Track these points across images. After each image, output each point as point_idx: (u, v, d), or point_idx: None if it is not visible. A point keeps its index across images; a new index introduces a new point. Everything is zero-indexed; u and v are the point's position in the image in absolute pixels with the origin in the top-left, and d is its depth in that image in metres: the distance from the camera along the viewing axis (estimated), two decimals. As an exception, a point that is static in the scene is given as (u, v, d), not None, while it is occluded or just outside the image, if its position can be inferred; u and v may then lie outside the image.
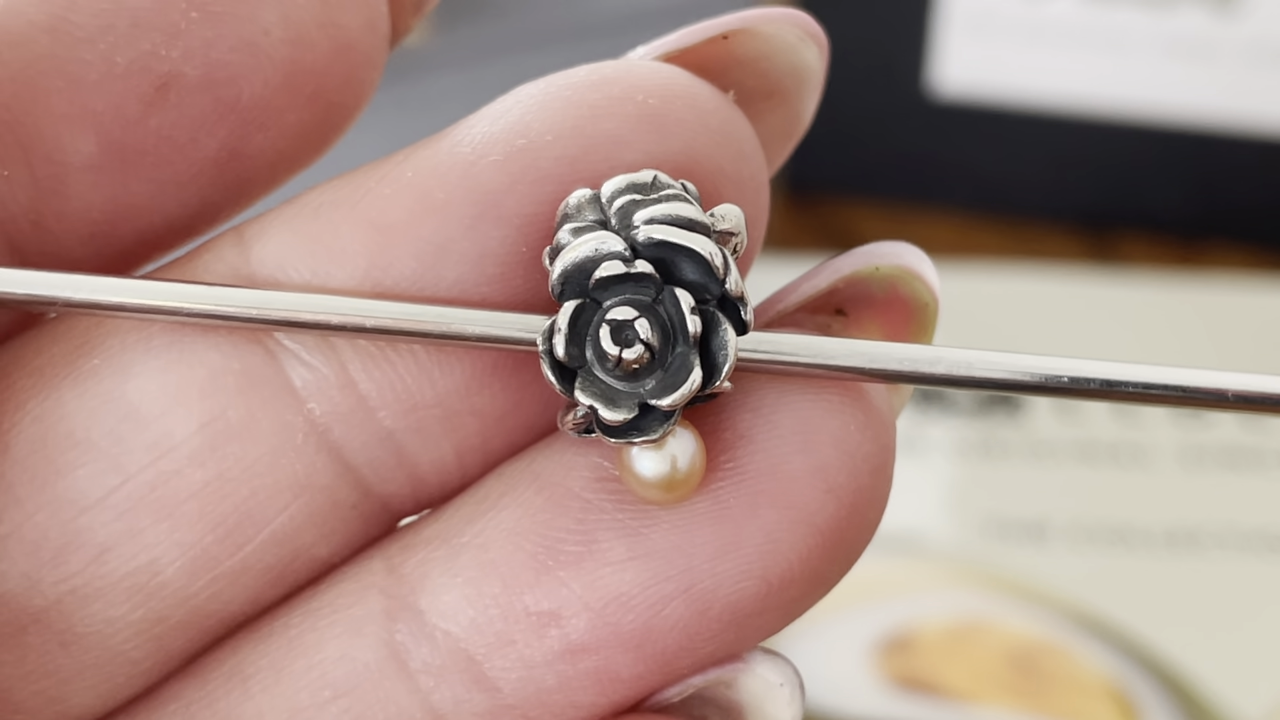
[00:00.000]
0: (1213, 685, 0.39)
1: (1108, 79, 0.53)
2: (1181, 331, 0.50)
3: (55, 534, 0.17)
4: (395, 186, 0.17)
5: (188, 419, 0.17)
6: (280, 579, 0.18)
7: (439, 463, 0.18)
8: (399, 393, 0.17)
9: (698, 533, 0.17)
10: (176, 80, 0.17)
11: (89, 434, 0.17)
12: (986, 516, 0.44)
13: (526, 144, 0.17)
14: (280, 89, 0.17)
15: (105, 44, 0.17)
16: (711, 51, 0.18)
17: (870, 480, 0.17)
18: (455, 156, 0.17)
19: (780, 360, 0.17)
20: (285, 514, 0.17)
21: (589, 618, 0.17)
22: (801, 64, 0.18)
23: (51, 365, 0.17)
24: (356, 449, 0.18)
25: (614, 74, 0.17)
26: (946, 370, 0.17)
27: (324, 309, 0.17)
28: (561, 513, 0.17)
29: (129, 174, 0.17)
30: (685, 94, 0.17)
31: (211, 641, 0.18)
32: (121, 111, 0.17)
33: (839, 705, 0.39)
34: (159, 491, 0.17)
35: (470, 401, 0.17)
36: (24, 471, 0.17)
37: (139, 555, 0.17)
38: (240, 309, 0.17)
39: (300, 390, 0.17)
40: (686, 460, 0.16)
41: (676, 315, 0.16)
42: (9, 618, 0.17)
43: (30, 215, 0.17)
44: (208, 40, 0.17)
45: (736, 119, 0.17)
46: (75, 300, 0.17)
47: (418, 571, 0.17)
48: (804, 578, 0.17)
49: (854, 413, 0.17)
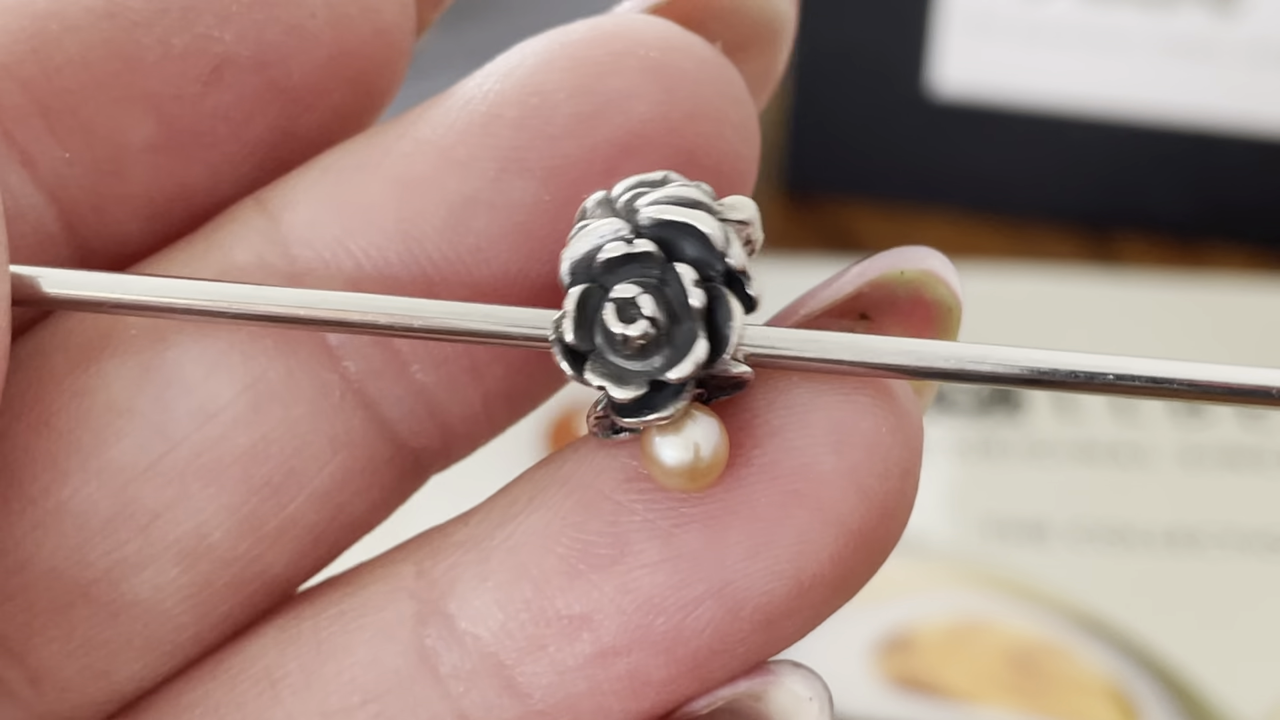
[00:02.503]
0: (1213, 685, 0.39)
1: (1108, 79, 0.53)
2: (1181, 332, 0.50)
3: (104, 505, 0.17)
4: (416, 144, 0.18)
5: (230, 383, 0.17)
6: (320, 538, 0.18)
7: (468, 412, 0.18)
8: (431, 346, 0.18)
9: (730, 533, 0.16)
10: (230, 62, 0.18)
11: (132, 403, 0.17)
12: (986, 516, 0.44)
13: (540, 102, 0.17)
14: (325, 70, 0.18)
15: (161, 27, 0.17)
16: (692, 4, 0.18)
17: (900, 483, 0.17)
18: (471, 114, 0.17)
19: (807, 357, 0.17)
20: (325, 472, 0.18)
21: (621, 620, 0.17)
22: (775, 14, 0.19)
23: (89, 340, 0.18)
24: (391, 404, 0.18)
25: (614, 29, 0.17)
26: (991, 368, 0.17)
27: (373, 308, 0.17)
28: (593, 515, 0.17)
29: (186, 155, 0.18)
30: (684, 46, 0.17)
31: (252, 607, 0.18)
32: (179, 93, 0.18)
33: (839, 705, 0.39)
34: (205, 456, 0.17)
35: (497, 350, 0.18)
36: (68, 445, 0.17)
37: (187, 520, 0.17)
38: (281, 309, 0.17)
39: (336, 349, 0.18)
40: (710, 448, 0.16)
41: (681, 292, 0.16)
42: (59, 593, 0.17)
43: (91, 198, 0.18)
44: (258, 23, 0.18)
45: (728, 67, 0.18)
46: (124, 302, 0.17)
47: (448, 576, 0.17)
48: (834, 578, 0.17)
49: (886, 415, 0.17)
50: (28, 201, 0.18)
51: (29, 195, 0.18)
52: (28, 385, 0.18)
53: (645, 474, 0.17)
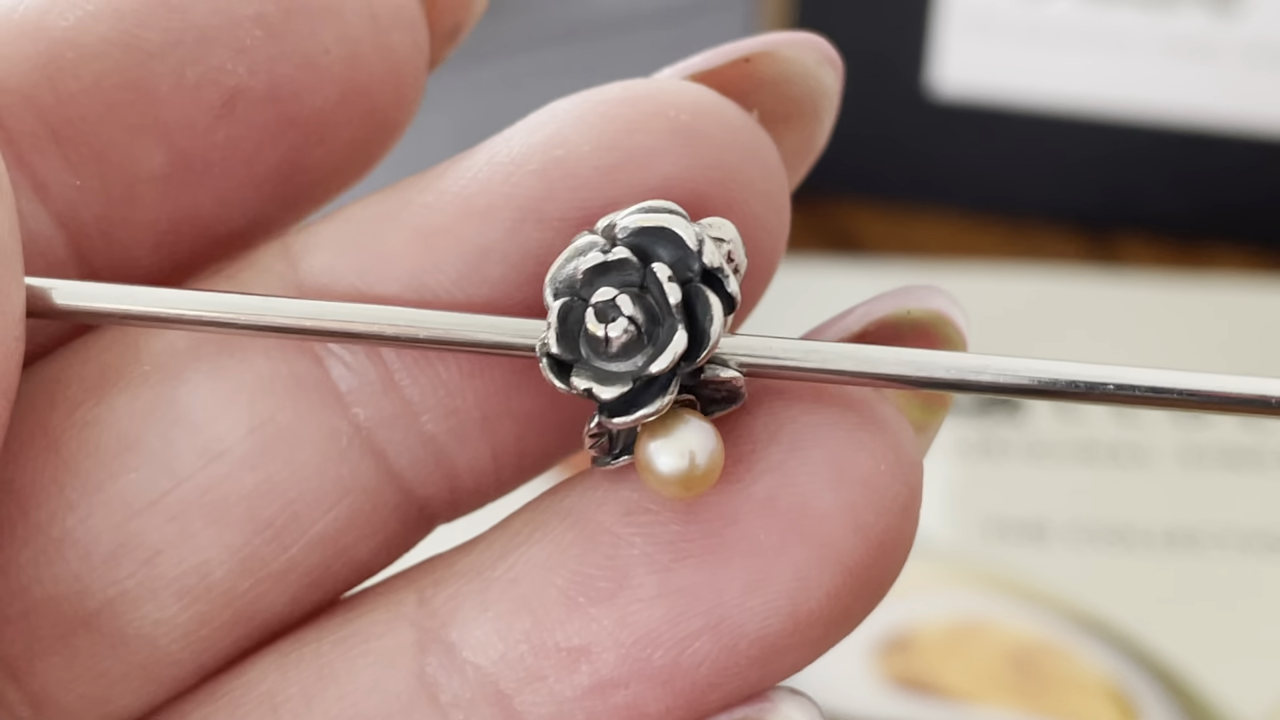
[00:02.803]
0: (1213, 685, 0.39)
1: (1107, 79, 0.53)
2: (1181, 332, 0.50)
3: (108, 537, 0.17)
4: (437, 195, 0.18)
5: (238, 423, 0.18)
6: (321, 580, 0.18)
7: (476, 465, 0.18)
8: (441, 397, 0.18)
9: (728, 568, 0.17)
10: (243, 94, 0.18)
11: (141, 438, 0.17)
12: (986, 516, 0.44)
13: (564, 154, 0.17)
14: (337, 104, 0.18)
15: (175, 58, 0.18)
16: (734, 73, 0.18)
17: (898, 520, 0.17)
18: (494, 166, 0.18)
19: (808, 367, 0.17)
20: (330, 516, 0.18)
21: (619, 653, 0.17)
22: (819, 87, 0.19)
23: (102, 372, 0.18)
24: (399, 452, 0.18)
25: (645, 91, 0.18)
26: (991, 378, 0.17)
27: (364, 318, 0.17)
28: (593, 548, 0.17)
29: (196, 185, 0.18)
30: (714, 110, 0.17)
31: (250, 643, 0.18)
32: (191, 123, 0.18)
33: (839, 705, 0.39)
34: (210, 495, 0.17)
35: (508, 404, 0.18)
36: (76, 475, 0.17)
37: (190, 558, 0.17)
38: (280, 319, 0.17)
39: (346, 395, 0.18)
40: (705, 455, 0.16)
41: (660, 292, 0.16)
42: (60, 620, 0.17)
43: (100, 225, 0.18)
44: (272, 56, 0.18)
45: (762, 136, 0.18)
46: (133, 313, 0.17)
47: (449, 605, 0.18)
48: (831, 615, 0.17)
49: (884, 452, 0.17)
50: (38, 226, 0.18)
51: (39, 220, 0.18)
52: (39, 411, 0.18)
53: (646, 508, 0.17)
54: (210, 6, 0.18)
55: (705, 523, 0.17)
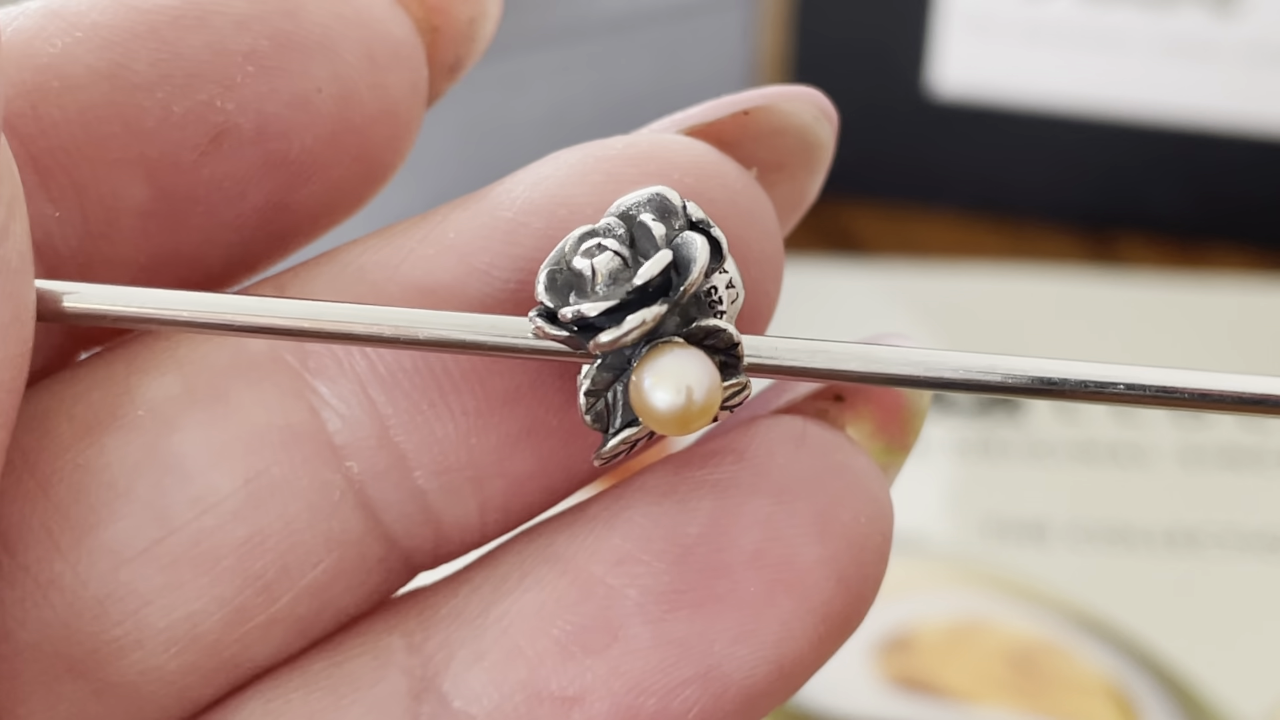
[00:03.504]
0: (1212, 685, 0.39)
1: (1107, 79, 0.53)
2: (1181, 332, 0.50)
3: (95, 584, 0.17)
4: (438, 248, 0.17)
5: (232, 475, 0.17)
6: (307, 630, 0.18)
7: (463, 521, 0.18)
8: (435, 454, 0.18)
9: (718, 620, 0.17)
10: (230, 131, 0.17)
11: (132, 486, 0.17)
12: (986, 516, 0.44)
13: (568, 214, 0.17)
14: (328, 144, 0.18)
15: (163, 92, 0.17)
16: (732, 125, 0.18)
17: (874, 569, 0.18)
18: (497, 220, 0.17)
19: (815, 367, 0.17)
20: (319, 569, 0.18)
21: (611, 701, 0.17)
22: (815, 141, 0.19)
23: (93, 413, 0.17)
24: (389, 506, 0.18)
25: (649, 149, 0.18)
26: (1000, 378, 0.17)
27: (363, 319, 0.17)
28: (585, 597, 0.17)
29: (178, 221, 0.18)
30: (717, 173, 0.18)
31: (233, 690, 0.18)
32: (175, 159, 0.17)
33: (839, 705, 0.39)
34: (201, 546, 0.17)
35: (501, 465, 0.18)
36: (65, 520, 0.17)
37: (178, 608, 0.17)
38: (283, 321, 0.17)
39: (341, 448, 0.18)
40: (702, 391, 0.16)
41: (644, 233, 0.16)
42: (45, 665, 0.17)
43: (79, 258, 0.18)
44: (262, 94, 0.17)
45: (761, 198, 0.18)
46: (135, 315, 0.17)
47: (441, 653, 0.18)
48: (811, 660, 0.17)
49: (864, 504, 0.18)
50: None
51: None
52: (30, 448, 0.17)
53: (638, 557, 0.17)
54: (201, 40, 0.17)
55: (696, 574, 0.17)
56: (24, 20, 0.17)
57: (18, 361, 0.16)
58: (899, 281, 0.52)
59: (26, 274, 0.16)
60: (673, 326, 0.16)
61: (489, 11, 0.19)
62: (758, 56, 0.55)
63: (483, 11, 0.19)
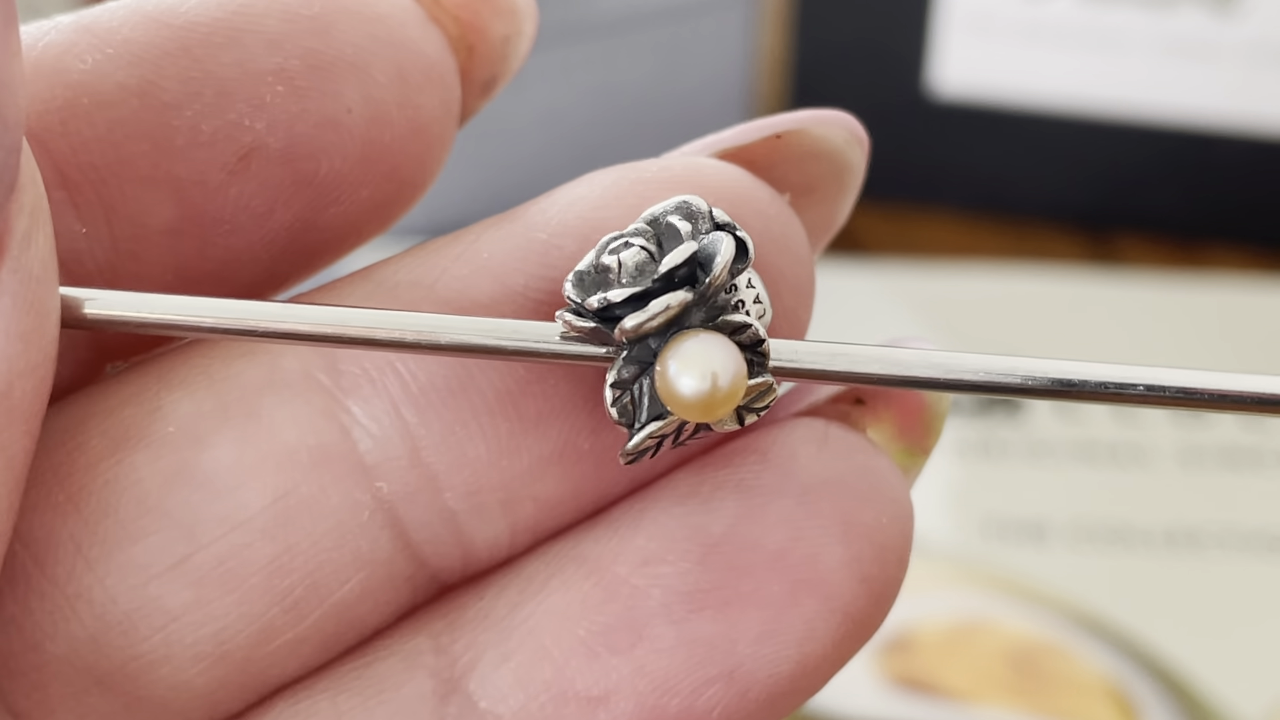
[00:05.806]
0: (1212, 685, 0.39)
1: (1107, 79, 0.53)
2: (1181, 331, 0.50)
3: (124, 599, 0.17)
4: (472, 268, 0.17)
5: (262, 493, 0.17)
6: (334, 647, 0.18)
7: (493, 542, 0.18)
8: (466, 475, 0.18)
9: (742, 620, 0.17)
10: (259, 151, 0.17)
11: (162, 502, 0.17)
12: (986, 516, 0.44)
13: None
14: (357, 165, 0.18)
15: (192, 111, 0.17)
16: (764, 149, 0.18)
17: (896, 570, 0.18)
18: (531, 241, 0.17)
19: (836, 370, 0.17)
20: (347, 587, 0.18)
21: (637, 701, 0.17)
22: (846, 165, 0.19)
23: (124, 428, 0.17)
24: (419, 526, 0.18)
25: (683, 173, 0.18)
26: (1020, 380, 0.17)
27: (387, 325, 0.17)
28: (610, 598, 0.17)
29: (205, 240, 0.18)
30: (751, 199, 0.18)
31: (258, 703, 0.18)
32: (204, 178, 0.17)
33: (839, 705, 0.39)
34: (229, 563, 0.17)
35: (532, 487, 0.18)
36: (95, 534, 0.17)
37: (206, 625, 0.17)
38: (306, 326, 0.17)
39: (371, 468, 0.18)
40: (728, 377, 0.16)
41: (670, 230, 0.16)
42: (74, 678, 0.17)
43: (106, 274, 0.18)
44: (292, 114, 0.17)
45: (794, 224, 0.18)
46: (160, 322, 0.17)
47: (468, 654, 0.18)
48: (834, 660, 0.17)
49: (886, 505, 0.18)
50: None
51: None
52: (57, 462, 0.17)
53: (663, 558, 0.17)
54: (232, 58, 0.17)
55: (720, 574, 0.17)
56: (55, 35, 0.17)
57: (42, 369, 0.16)
58: (899, 281, 0.52)
59: (50, 283, 0.16)
60: (698, 322, 0.16)
61: (524, 30, 0.19)
62: (758, 57, 0.55)
63: (518, 30, 0.19)
